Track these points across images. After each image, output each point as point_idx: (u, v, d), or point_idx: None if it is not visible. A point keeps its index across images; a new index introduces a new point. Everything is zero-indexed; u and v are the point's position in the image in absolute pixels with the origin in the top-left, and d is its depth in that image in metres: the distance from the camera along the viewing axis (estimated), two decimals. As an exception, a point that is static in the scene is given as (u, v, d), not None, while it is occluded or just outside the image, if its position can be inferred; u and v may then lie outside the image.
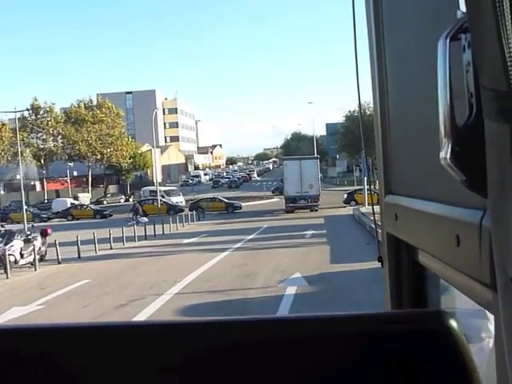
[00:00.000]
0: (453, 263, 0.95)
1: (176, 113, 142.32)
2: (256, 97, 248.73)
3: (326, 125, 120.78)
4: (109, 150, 71.89)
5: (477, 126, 0.68)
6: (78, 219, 54.44)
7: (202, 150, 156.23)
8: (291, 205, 47.93)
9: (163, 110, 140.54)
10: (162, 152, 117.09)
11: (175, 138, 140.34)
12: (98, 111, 73.67)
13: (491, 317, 0.80)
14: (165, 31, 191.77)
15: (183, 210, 52.89)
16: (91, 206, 59.06)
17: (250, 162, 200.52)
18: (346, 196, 50.51)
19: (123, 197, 76.01)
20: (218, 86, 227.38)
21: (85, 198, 69.16)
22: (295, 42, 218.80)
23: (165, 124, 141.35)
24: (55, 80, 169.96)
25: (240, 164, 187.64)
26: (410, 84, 1.28)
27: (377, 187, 1.96)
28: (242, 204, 58.53)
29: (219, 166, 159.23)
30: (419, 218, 1.15)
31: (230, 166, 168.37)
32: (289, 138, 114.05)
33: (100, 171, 78.83)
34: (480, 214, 0.79)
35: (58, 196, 72.56)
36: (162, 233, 36.35)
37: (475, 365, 0.74)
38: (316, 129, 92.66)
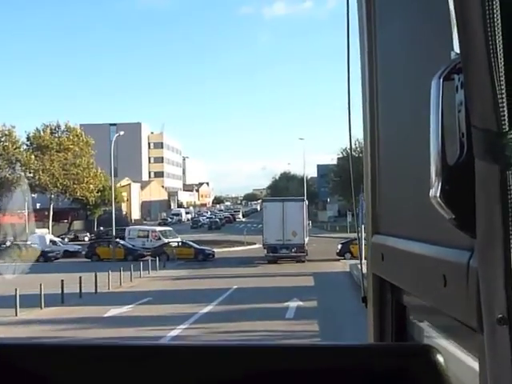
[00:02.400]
0: (438, 304, 0.93)
1: (162, 147, 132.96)
2: (247, 136, 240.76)
3: (317, 166, 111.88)
4: (72, 181, 61.76)
5: (467, 166, 0.67)
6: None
7: (189, 188, 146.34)
8: (271, 254, 38.68)
9: (148, 144, 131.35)
10: (142, 187, 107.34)
11: (160, 174, 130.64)
12: (65, 138, 63.99)
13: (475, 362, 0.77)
14: (153, 63, 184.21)
15: (144, 256, 43.07)
16: (33, 244, 48.44)
17: (239, 202, 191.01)
18: (339, 247, 40.71)
19: (88, 234, 65.67)
20: (208, 123, 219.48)
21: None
22: (287, 83, 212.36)
23: (149, 158, 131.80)
24: (37, 111, 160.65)
25: (228, 203, 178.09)
26: (400, 123, 1.25)
27: None
28: (219, 250, 48.89)
29: (205, 205, 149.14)
30: (405, 258, 1.12)
31: (217, 206, 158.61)
32: (277, 177, 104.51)
33: (65, 204, 68.68)
34: (468, 255, 0.77)
35: (13, 231, 62.15)
36: (94, 291, 26.20)
37: None
38: (306, 170, 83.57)
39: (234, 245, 53.86)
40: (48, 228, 62.56)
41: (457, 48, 0.72)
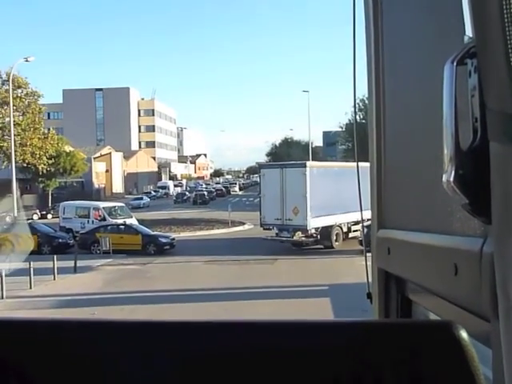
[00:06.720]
0: (449, 295, 0.88)
1: (153, 115, 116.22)
2: (249, 109, 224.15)
3: (324, 133, 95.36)
4: (7, 143, 45.77)
5: (481, 150, 0.65)
6: None
7: (184, 160, 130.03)
8: (270, 238, 26.85)
9: (138, 111, 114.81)
10: (127, 157, 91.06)
11: (151, 144, 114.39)
12: (3, 90, 47.88)
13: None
14: (144, 25, 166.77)
15: (70, 246, 27.46)
16: None
17: (241, 175, 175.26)
18: (365, 232, 24.73)
19: (37, 211, 50.11)
20: (208, 94, 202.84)
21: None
22: (293, 52, 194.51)
23: (140, 127, 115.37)
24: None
25: (228, 177, 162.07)
26: (408, 110, 1.18)
27: None
28: (189, 234, 33.44)
29: (203, 178, 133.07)
30: (414, 250, 1.08)
31: (216, 178, 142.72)
32: (277, 144, 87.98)
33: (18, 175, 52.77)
34: (480, 242, 0.74)
35: None
36: None
37: (482, 375, 0.70)
38: (311, 138, 67.29)
39: (215, 226, 38.03)
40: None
41: (469, 32, 0.68)
